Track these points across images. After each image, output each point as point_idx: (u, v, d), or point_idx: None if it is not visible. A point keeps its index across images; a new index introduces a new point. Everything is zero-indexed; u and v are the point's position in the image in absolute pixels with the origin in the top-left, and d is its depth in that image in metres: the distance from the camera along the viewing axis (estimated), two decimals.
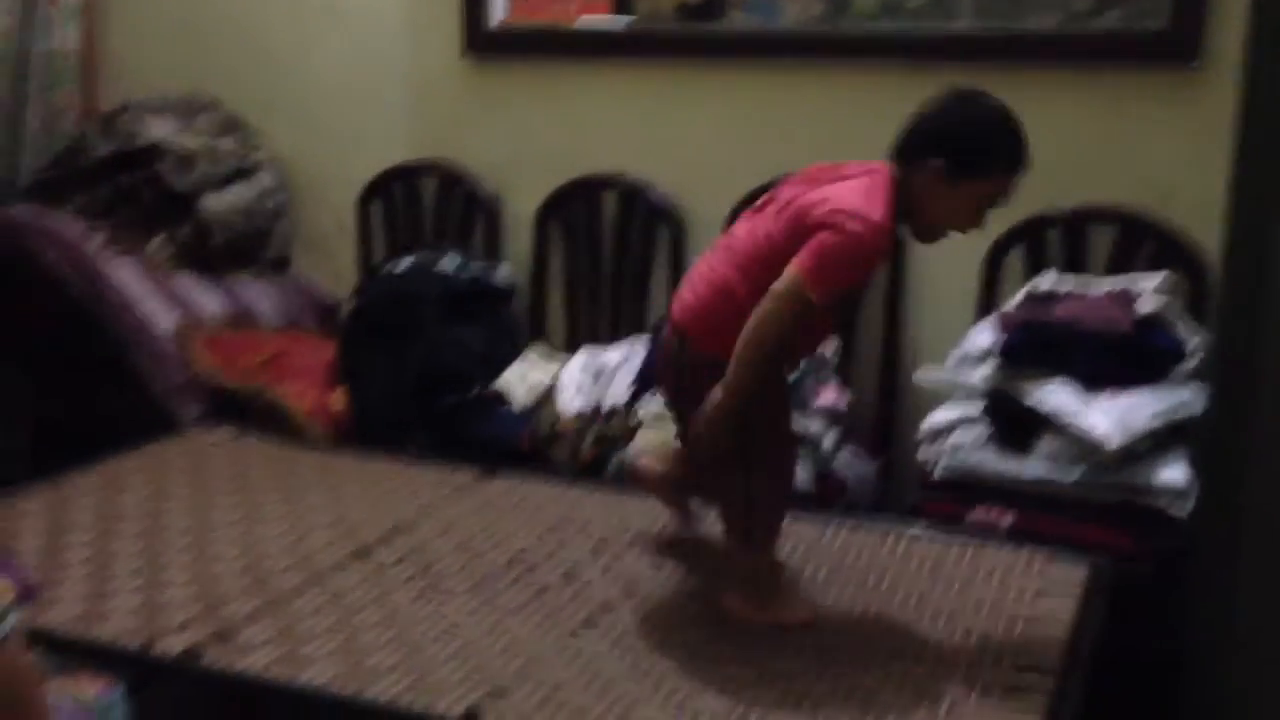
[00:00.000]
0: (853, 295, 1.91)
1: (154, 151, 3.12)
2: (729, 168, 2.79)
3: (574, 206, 2.97)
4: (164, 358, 2.88)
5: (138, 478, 2.44)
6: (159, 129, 3.15)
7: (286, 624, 1.86)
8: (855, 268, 1.74)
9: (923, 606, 1.93)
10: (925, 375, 2.43)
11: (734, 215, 2.78)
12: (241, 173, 3.19)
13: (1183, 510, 2.11)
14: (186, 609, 1.90)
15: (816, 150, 2.67)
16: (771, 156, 2.74)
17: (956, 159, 1.72)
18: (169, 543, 2.15)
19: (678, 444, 2.03)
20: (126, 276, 2.99)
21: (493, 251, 3.06)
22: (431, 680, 1.70)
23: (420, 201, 3.15)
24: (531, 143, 3.01)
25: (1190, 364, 2.26)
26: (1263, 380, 1.76)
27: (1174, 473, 2.13)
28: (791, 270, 1.69)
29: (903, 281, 2.65)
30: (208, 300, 3.05)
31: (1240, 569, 1.79)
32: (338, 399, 2.79)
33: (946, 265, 2.63)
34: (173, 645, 1.80)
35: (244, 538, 2.17)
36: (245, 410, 2.79)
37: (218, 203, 3.11)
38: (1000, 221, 2.53)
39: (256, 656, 1.77)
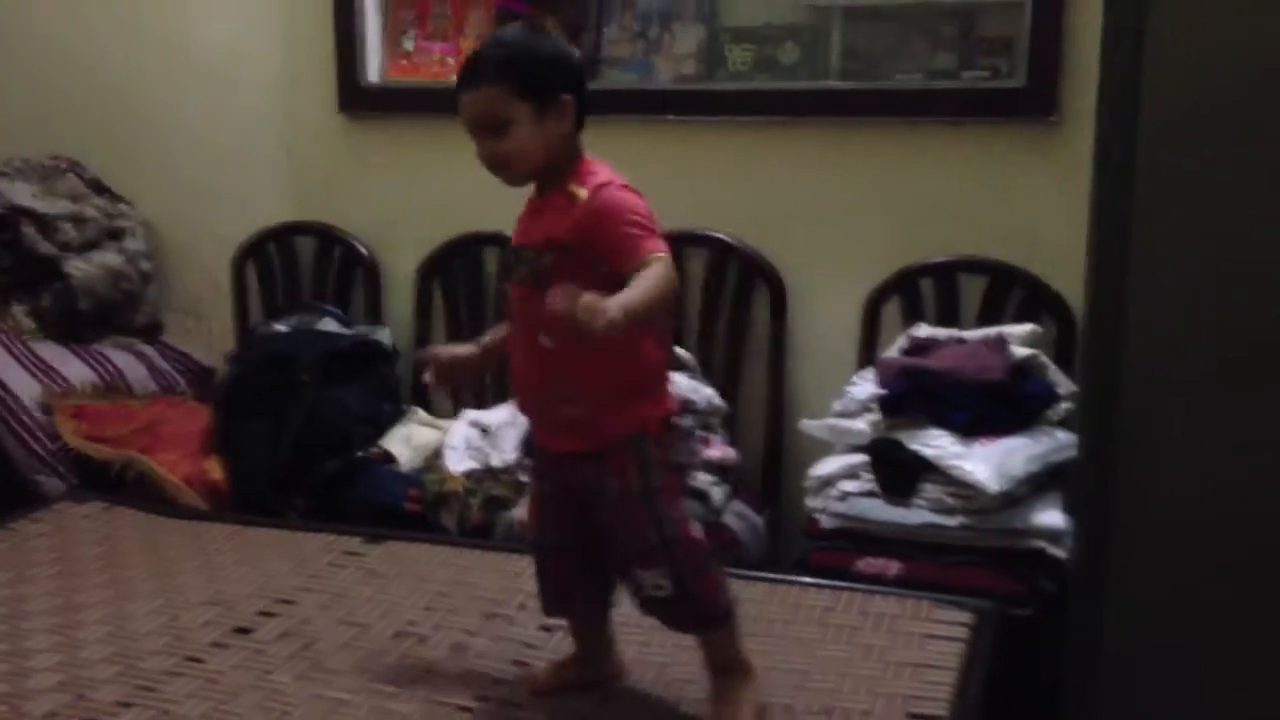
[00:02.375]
0: None
1: (14, 216, 3.01)
2: None
3: (455, 265, 2.95)
4: (28, 429, 2.76)
5: None
6: (19, 193, 3.05)
7: (160, 710, 1.77)
8: None
9: (812, 657, 1.93)
10: (810, 425, 2.46)
11: None
12: (108, 236, 3.09)
13: (1061, 551, 2.16)
14: (52, 698, 1.80)
15: (694, 203, 2.72)
16: (651, 209, 2.77)
17: None
18: (33, 625, 2.04)
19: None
20: None
21: (373, 311, 3.02)
22: None
23: (297, 262, 3.09)
24: (410, 201, 2.98)
25: (1063, 408, 2.33)
26: (1126, 423, 1.82)
27: (1052, 515, 2.19)
28: None
29: (784, 334, 2.69)
30: (74, 368, 2.93)
31: (1111, 605, 1.85)
32: (214, 467, 2.70)
33: (826, 316, 2.68)
34: None
35: (114, 618, 2.07)
36: (116, 482, 2.69)
37: (83, 268, 3.01)
38: (876, 272, 2.60)
39: None
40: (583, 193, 1.63)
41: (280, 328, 2.93)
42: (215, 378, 3.12)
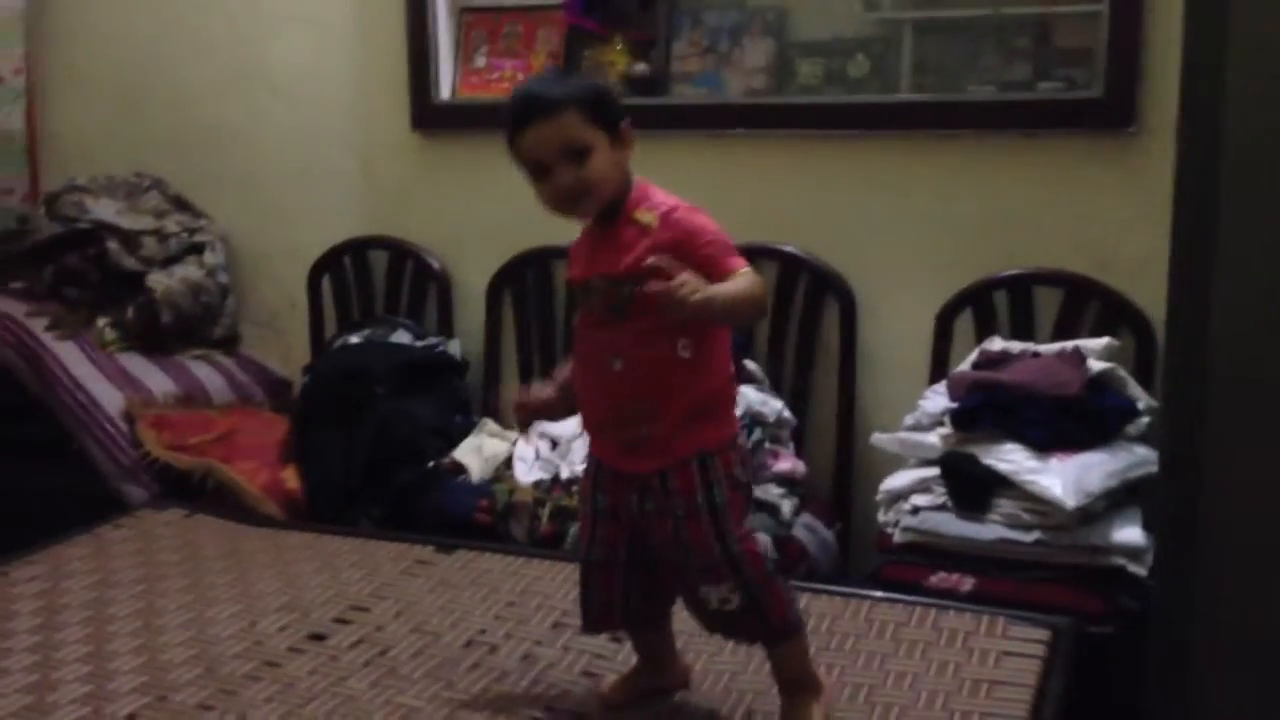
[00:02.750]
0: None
1: (99, 231, 3.09)
2: None
3: (525, 279, 2.97)
4: (112, 438, 2.84)
5: (84, 562, 2.38)
6: (104, 209, 3.13)
7: (238, 713, 1.80)
8: None
9: (885, 670, 1.92)
10: (881, 439, 2.44)
11: None
12: (189, 251, 3.17)
13: (1142, 568, 2.12)
14: (134, 699, 1.85)
15: (764, 217, 2.72)
16: (720, 225, 2.77)
17: None
18: (116, 629, 2.09)
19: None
20: (72, 357, 2.95)
21: (445, 324, 3.05)
22: None
23: (371, 276, 3.14)
24: (481, 216, 3.01)
25: (1141, 423, 2.29)
26: (1209, 437, 1.79)
27: (1131, 532, 2.15)
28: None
29: (854, 347, 2.68)
30: (156, 379, 3.01)
31: (1196, 625, 1.81)
32: (290, 476, 2.75)
33: (897, 329, 2.66)
34: None
35: (194, 622, 2.11)
36: (196, 490, 2.74)
37: (165, 281, 3.08)
38: (948, 285, 2.58)
39: None
40: (650, 218, 1.63)
41: (354, 340, 2.97)
42: (292, 389, 3.18)
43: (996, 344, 2.47)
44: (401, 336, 2.96)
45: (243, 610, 2.16)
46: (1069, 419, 2.25)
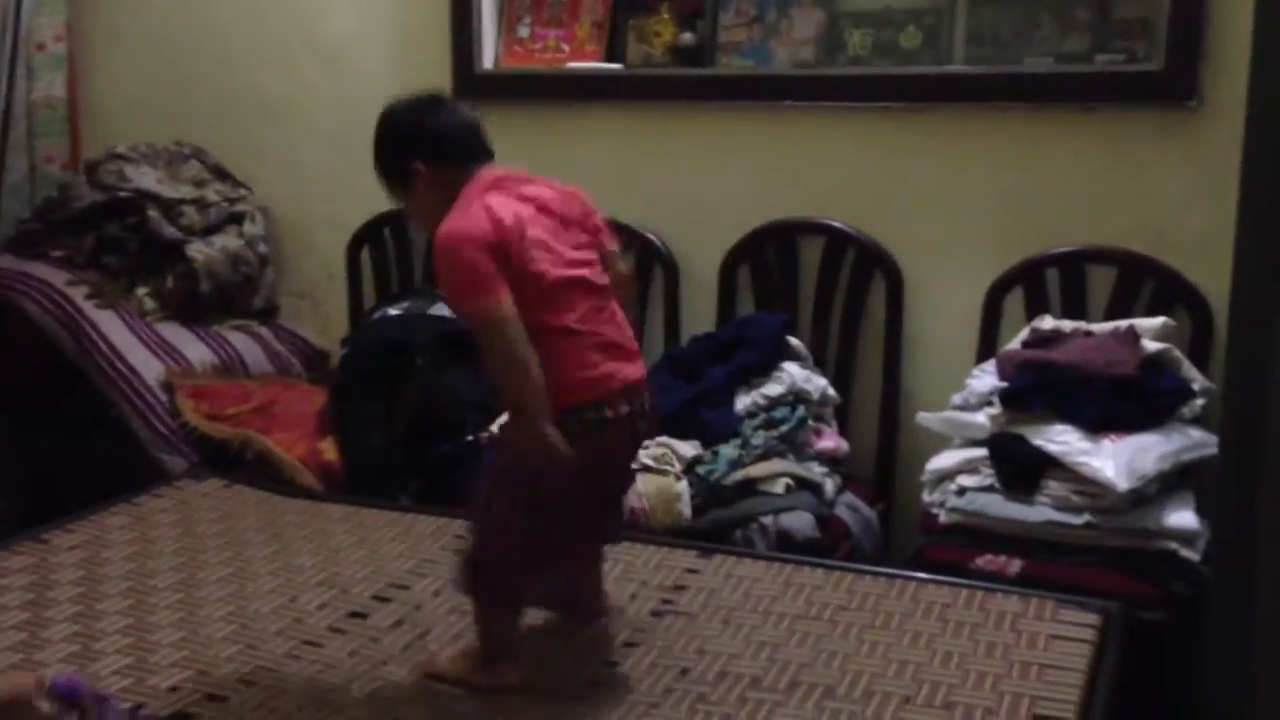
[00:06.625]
0: None
1: (140, 200, 3.08)
2: (722, 212, 2.77)
3: None
4: (151, 408, 2.83)
5: (125, 531, 2.38)
6: (145, 177, 3.12)
7: (279, 689, 1.80)
8: None
9: (932, 650, 1.89)
10: (927, 418, 2.40)
11: (729, 260, 2.76)
12: (229, 220, 3.15)
13: (1195, 553, 2.08)
14: (176, 671, 1.85)
15: (811, 192, 2.68)
16: (765, 200, 2.73)
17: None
18: (157, 600, 2.09)
19: None
20: (112, 326, 2.94)
21: None
22: None
23: (411, 247, 3.11)
24: None
25: (1196, 405, 2.24)
26: (1273, 421, 1.73)
27: (1184, 516, 2.10)
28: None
29: (901, 324, 2.63)
30: (194, 349, 3.00)
31: (1255, 612, 1.77)
32: (328, 448, 2.74)
33: (945, 306, 2.61)
34: (162, 708, 1.74)
35: (235, 597, 2.11)
36: (234, 460, 2.74)
37: (205, 251, 3.07)
38: (999, 262, 2.53)
39: None
40: None
41: (393, 312, 2.95)
42: (329, 361, 3.16)
43: (1048, 322, 2.42)
44: (441, 309, 2.93)
45: (282, 585, 2.15)
46: (1122, 400, 2.20)
